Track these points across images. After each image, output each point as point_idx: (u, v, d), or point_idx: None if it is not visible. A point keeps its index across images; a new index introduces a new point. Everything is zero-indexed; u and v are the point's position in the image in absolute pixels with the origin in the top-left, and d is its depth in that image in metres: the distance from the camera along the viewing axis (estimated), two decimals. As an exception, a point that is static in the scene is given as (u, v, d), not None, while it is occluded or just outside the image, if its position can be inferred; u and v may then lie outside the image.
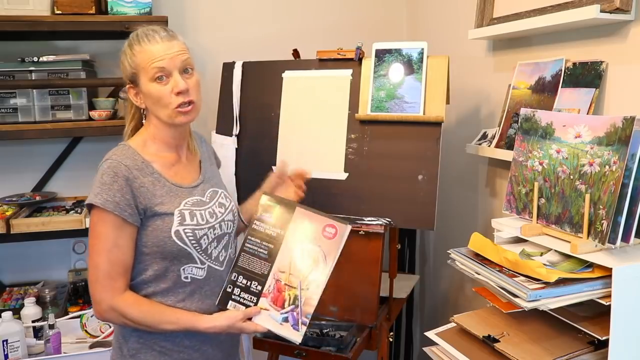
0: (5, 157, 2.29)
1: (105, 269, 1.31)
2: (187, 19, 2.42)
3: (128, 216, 1.31)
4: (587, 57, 1.55)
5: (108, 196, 1.30)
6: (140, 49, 1.35)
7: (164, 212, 1.34)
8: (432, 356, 1.37)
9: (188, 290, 1.39)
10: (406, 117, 1.86)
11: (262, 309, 1.38)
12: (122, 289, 1.33)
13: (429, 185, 1.82)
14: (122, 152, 1.36)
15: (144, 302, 1.35)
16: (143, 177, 1.35)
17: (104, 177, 1.31)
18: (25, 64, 2.07)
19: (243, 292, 1.40)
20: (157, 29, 1.37)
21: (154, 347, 1.39)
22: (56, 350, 1.77)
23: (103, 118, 2.11)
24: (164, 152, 1.42)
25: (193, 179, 1.45)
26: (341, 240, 1.38)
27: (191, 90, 1.36)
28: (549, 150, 1.34)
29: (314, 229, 1.41)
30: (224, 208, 1.47)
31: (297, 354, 1.78)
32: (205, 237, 1.39)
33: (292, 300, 1.37)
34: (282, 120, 2.03)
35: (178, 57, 1.34)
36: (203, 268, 1.40)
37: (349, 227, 1.39)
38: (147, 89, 1.35)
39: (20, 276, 2.34)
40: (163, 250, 1.35)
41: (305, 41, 2.26)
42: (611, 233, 1.15)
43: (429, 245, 2.64)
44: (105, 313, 1.34)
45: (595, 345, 1.19)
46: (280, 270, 1.39)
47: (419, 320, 2.73)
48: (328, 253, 1.38)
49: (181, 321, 1.35)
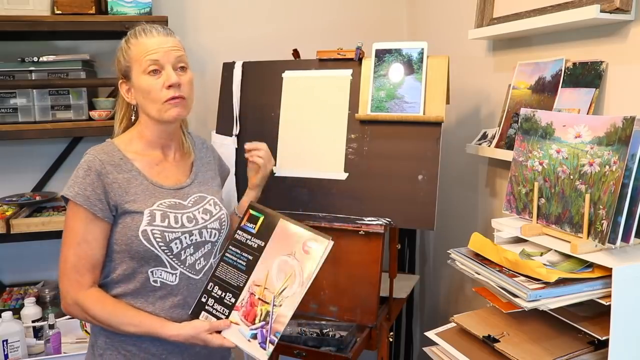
0: (5, 157, 2.29)
1: (72, 262, 1.31)
2: (187, 19, 2.42)
3: (98, 211, 1.30)
4: (587, 57, 1.55)
5: (79, 189, 1.30)
6: (136, 42, 1.35)
7: (134, 210, 1.32)
8: (432, 356, 1.37)
9: (158, 295, 1.35)
10: (406, 117, 1.86)
11: (233, 322, 1.32)
12: (87, 285, 1.31)
13: (429, 185, 1.82)
14: (102, 147, 1.37)
15: (108, 300, 1.32)
16: (117, 174, 1.33)
17: (79, 171, 1.33)
18: (25, 64, 2.07)
19: (217, 304, 1.35)
20: (155, 26, 1.38)
21: (119, 350, 1.36)
22: (56, 350, 1.77)
23: (103, 118, 2.11)
24: (148, 151, 1.41)
25: (177, 181, 1.42)
26: (321, 257, 1.29)
27: (183, 86, 1.35)
28: (549, 150, 1.34)
29: (295, 242, 1.32)
30: (210, 215, 1.42)
31: (297, 354, 1.78)
32: (177, 241, 1.34)
33: (264, 316, 1.30)
34: (282, 120, 2.03)
35: (172, 52, 1.34)
36: (174, 274, 1.35)
37: (330, 243, 1.30)
38: (139, 82, 1.34)
39: (20, 276, 2.34)
40: (130, 250, 1.32)
41: (305, 41, 2.26)
42: (611, 233, 1.15)
43: (429, 245, 2.64)
44: (69, 307, 1.33)
45: (595, 345, 1.19)
46: (256, 283, 1.33)
47: (419, 320, 2.73)
48: (306, 269, 1.29)
49: (144, 325, 1.31)
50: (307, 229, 1.33)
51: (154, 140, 1.41)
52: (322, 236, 1.31)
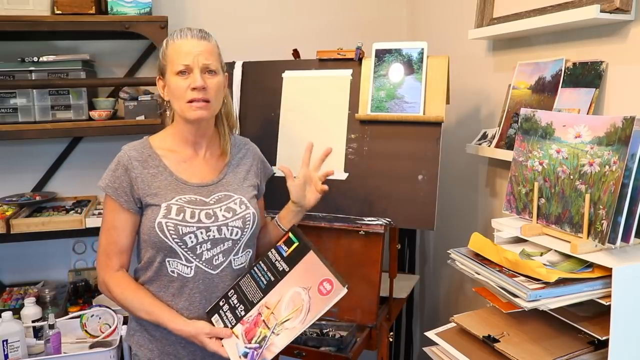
0: (5, 157, 2.29)
1: (103, 245, 1.45)
2: (187, 19, 2.42)
3: (123, 202, 1.42)
4: (587, 57, 1.55)
5: (109, 181, 1.43)
6: (172, 43, 1.44)
7: (154, 203, 1.41)
8: (432, 356, 1.37)
9: (175, 286, 1.43)
10: (406, 117, 1.86)
11: (234, 334, 1.36)
12: (114, 268, 1.44)
13: (429, 185, 1.82)
14: (134, 144, 1.48)
15: (130, 285, 1.44)
16: (143, 169, 1.43)
17: (112, 164, 1.45)
18: (25, 64, 2.07)
19: (229, 312, 1.40)
20: (194, 29, 1.46)
21: (146, 334, 1.47)
22: (56, 350, 1.77)
23: (103, 118, 2.10)
24: (180, 147, 1.49)
25: (204, 178, 1.49)
26: (332, 300, 1.30)
27: (209, 90, 1.42)
28: (549, 150, 1.34)
29: (314, 278, 1.33)
30: (233, 213, 1.46)
31: (297, 354, 1.78)
32: (191, 235, 1.40)
33: (260, 339, 1.32)
34: (282, 120, 2.03)
35: (202, 56, 1.41)
36: (189, 267, 1.42)
37: (344, 290, 1.29)
38: (170, 81, 1.43)
39: (20, 276, 2.34)
40: (149, 240, 1.41)
41: (305, 41, 2.26)
42: (611, 233, 1.15)
43: (429, 245, 2.64)
44: (100, 285, 1.47)
45: (595, 345, 1.19)
46: (267, 305, 1.36)
47: (419, 320, 2.73)
48: (314, 307, 1.31)
49: (154, 314, 1.40)
50: (330, 268, 1.33)
51: (185, 137, 1.49)
52: (340, 281, 1.30)
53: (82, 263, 2.39)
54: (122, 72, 2.37)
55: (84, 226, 2.03)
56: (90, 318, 1.89)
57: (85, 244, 2.39)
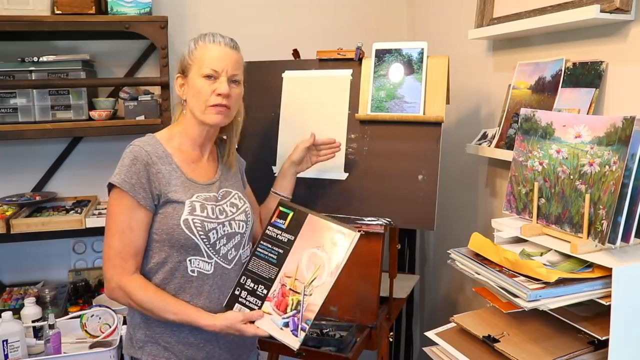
0: (5, 157, 2.29)
1: (116, 248, 1.38)
2: (187, 19, 2.42)
3: (141, 199, 1.37)
4: (587, 57, 1.55)
5: (125, 177, 1.37)
6: (203, 45, 1.45)
7: (177, 200, 1.40)
8: (432, 356, 1.37)
9: (195, 285, 1.42)
10: (406, 117, 1.86)
11: (265, 312, 1.39)
12: (131, 270, 1.39)
13: (429, 185, 1.82)
14: (146, 140, 1.45)
15: (150, 287, 1.40)
16: (161, 165, 1.42)
17: (125, 160, 1.40)
18: (25, 64, 2.07)
19: (249, 295, 1.42)
20: (226, 36, 1.47)
21: (159, 342, 1.43)
22: (56, 350, 1.77)
23: (103, 118, 2.10)
24: (188, 148, 1.50)
25: (209, 177, 1.52)
26: (348, 248, 1.38)
27: (231, 98, 1.45)
28: (549, 150, 1.34)
29: (323, 235, 1.41)
30: (236, 208, 1.51)
31: (297, 354, 1.78)
32: (214, 232, 1.43)
33: (295, 305, 1.37)
34: (282, 120, 2.03)
35: (231, 66, 1.44)
36: (210, 263, 1.43)
37: (357, 235, 1.39)
38: (194, 81, 1.44)
39: (20, 276, 2.34)
40: (171, 239, 1.39)
41: (305, 41, 2.26)
42: (611, 233, 1.15)
43: (429, 245, 2.64)
44: (113, 291, 1.40)
45: (595, 345, 1.19)
46: (287, 275, 1.41)
47: (419, 320, 2.73)
48: (334, 260, 1.38)
49: (182, 313, 1.38)
50: (334, 223, 1.42)
51: (193, 138, 1.50)
52: (349, 228, 1.40)
53: (82, 263, 2.39)
54: (122, 72, 2.37)
55: (84, 226, 2.03)
56: (90, 318, 1.89)
57: (85, 244, 2.39)
